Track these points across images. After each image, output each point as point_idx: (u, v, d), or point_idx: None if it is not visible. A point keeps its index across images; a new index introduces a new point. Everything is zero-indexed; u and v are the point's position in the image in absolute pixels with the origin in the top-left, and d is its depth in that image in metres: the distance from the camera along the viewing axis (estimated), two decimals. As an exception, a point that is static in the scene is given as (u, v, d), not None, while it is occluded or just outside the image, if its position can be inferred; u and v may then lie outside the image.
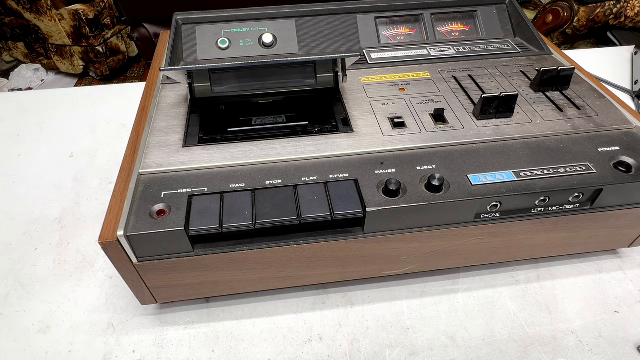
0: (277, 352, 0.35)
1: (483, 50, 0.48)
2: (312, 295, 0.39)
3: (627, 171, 0.32)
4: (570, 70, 0.40)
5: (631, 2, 1.23)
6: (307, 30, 0.49)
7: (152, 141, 0.36)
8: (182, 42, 0.48)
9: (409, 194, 0.31)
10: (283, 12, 0.49)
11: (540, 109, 0.39)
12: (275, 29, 0.49)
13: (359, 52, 0.48)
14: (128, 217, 0.29)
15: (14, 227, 0.47)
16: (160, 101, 0.41)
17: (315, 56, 0.36)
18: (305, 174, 0.33)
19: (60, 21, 1.84)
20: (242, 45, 0.48)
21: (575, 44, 1.40)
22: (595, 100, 0.40)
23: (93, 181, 0.52)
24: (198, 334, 0.37)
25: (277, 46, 0.49)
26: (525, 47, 0.49)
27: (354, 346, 0.36)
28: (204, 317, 0.38)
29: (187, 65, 0.47)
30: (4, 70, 2.11)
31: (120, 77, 2.15)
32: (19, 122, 0.63)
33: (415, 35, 0.50)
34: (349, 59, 0.36)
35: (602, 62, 0.72)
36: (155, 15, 1.24)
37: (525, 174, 0.32)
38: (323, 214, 0.30)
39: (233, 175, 0.33)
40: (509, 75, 0.43)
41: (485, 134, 0.36)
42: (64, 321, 0.38)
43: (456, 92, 0.41)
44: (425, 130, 0.37)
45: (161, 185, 0.32)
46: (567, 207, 0.33)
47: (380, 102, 0.40)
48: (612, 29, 1.32)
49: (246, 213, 0.30)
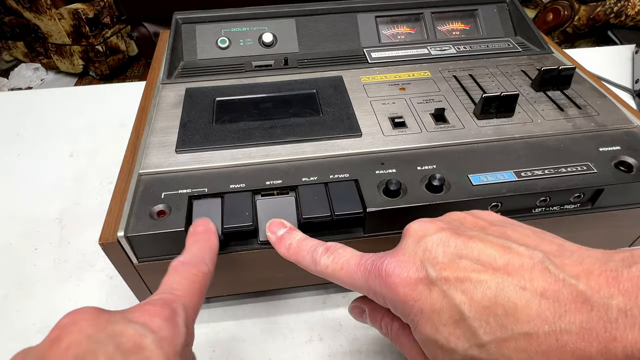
0: (277, 352, 0.35)
1: (484, 49, 0.48)
2: (313, 295, 0.39)
3: (628, 171, 0.32)
4: (571, 70, 0.40)
5: (632, 1, 1.23)
6: (307, 30, 0.49)
7: (152, 141, 0.36)
8: (182, 42, 0.48)
9: (410, 194, 0.31)
10: (283, 11, 0.49)
11: (541, 109, 0.39)
12: (275, 28, 0.49)
13: (360, 51, 0.48)
14: (128, 217, 0.29)
15: (14, 227, 0.47)
16: (160, 101, 0.41)
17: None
18: (306, 174, 0.33)
19: (60, 20, 1.84)
20: (242, 44, 0.48)
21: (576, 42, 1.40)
22: (597, 99, 0.40)
23: (93, 181, 0.52)
24: (198, 333, 0.36)
25: (277, 45, 0.48)
26: (526, 46, 0.49)
27: (354, 346, 0.36)
28: (204, 317, 0.38)
29: (186, 64, 0.47)
30: (4, 70, 2.11)
31: (120, 76, 2.15)
32: (18, 121, 0.63)
33: (416, 34, 0.50)
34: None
35: (603, 61, 0.72)
36: (154, 14, 1.24)
37: (526, 174, 0.32)
38: (324, 214, 0.30)
39: (233, 176, 0.33)
40: (509, 75, 0.43)
41: (486, 134, 0.36)
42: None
43: (457, 91, 0.41)
44: (425, 130, 0.37)
45: (161, 186, 0.32)
46: (568, 207, 0.33)
47: (380, 101, 0.40)
48: (613, 28, 1.32)
49: (246, 214, 0.30)
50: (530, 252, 0.20)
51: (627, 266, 0.17)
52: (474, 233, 0.22)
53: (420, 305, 0.20)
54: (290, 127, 0.37)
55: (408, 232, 0.23)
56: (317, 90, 0.41)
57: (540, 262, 0.19)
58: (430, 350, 0.21)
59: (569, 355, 0.17)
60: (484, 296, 0.19)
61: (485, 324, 0.18)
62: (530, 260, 0.19)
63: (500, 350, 0.18)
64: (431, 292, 0.20)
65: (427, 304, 0.20)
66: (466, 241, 0.21)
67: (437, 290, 0.20)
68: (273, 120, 0.38)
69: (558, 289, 0.18)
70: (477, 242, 0.21)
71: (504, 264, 0.19)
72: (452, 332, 0.19)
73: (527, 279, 0.19)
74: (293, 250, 0.27)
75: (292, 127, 0.37)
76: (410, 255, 0.22)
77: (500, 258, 0.20)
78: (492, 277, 0.19)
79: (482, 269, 0.20)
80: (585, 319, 0.17)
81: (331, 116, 0.38)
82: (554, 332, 0.17)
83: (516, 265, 0.19)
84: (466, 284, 0.19)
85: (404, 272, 0.21)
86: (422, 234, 0.22)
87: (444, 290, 0.20)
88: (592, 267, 0.18)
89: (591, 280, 0.18)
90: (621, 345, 0.16)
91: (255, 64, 0.46)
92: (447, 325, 0.19)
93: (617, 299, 0.17)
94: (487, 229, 0.22)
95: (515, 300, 0.18)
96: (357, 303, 0.28)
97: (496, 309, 0.18)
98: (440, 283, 0.20)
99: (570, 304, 0.17)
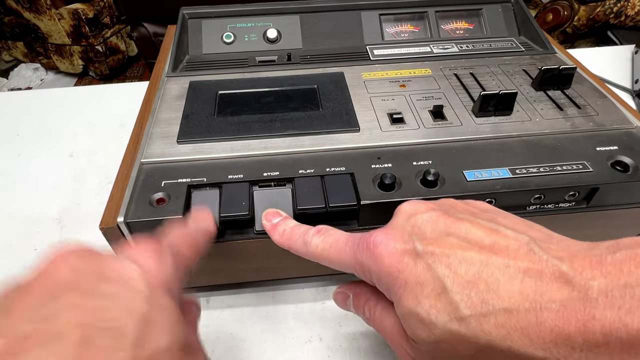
0: (277, 352, 0.36)
1: (486, 48, 0.48)
2: (312, 295, 0.40)
3: (624, 171, 0.32)
4: (572, 69, 0.40)
5: (631, 1, 1.22)
6: (311, 26, 0.50)
7: (154, 132, 0.37)
8: (188, 36, 0.49)
9: (404, 188, 0.31)
10: (288, 8, 0.50)
11: (540, 108, 0.39)
12: (279, 25, 0.49)
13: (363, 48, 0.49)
14: (128, 204, 0.30)
15: (13, 227, 0.47)
16: (165, 93, 0.42)
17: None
18: (303, 167, 0.33)
19: (60, 20, 1.85)
20: (246, 39, 0.49)
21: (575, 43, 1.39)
22: (597, 99, 0.40)
23: (93, 181, 0.53)
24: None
25: (281, 41, 0.49)
26: (529, 45, 0.49)
27: (353, 346, 0.36)
28: (204, 317, 0.38)
29: (192, 58, 0.48)
30: (4, 70, 2.12)
31: (120, 77, 2.16)
32: (18, 121, 0.63)
33: (419, 33, 0.50)
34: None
35: (603, 61, 0.71)
36: (154, 14, 1.25)
37: (521, 171, 0.32)
38: (318, 205, 0.30)
39: (232, 167, 0.33)
40: (510, 74, 0.43)
41: (484, 132, 0.36)
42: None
43: (457, 89, 0.41)
44: (423, 127, 0.37)
45: (162, 175, 0.33)
46: (563, 205, 0.33)
47: (380, 97, 0.40)
48: (612, 28, 1.30)
49: (243, 203, 0.31)
50: (517, 235, 0.20)
51: (611, 252, 0.18)
52: (464, 216, 0.22)
53: (404, 277, 0.21)
54: (289, 121, 0.37)
55: (399, 211, 0.24)
56: (317, 86, 0.42)
57: (526, 244, 0.19)
58: (411, 324, 0.21)
59: (547, 332, 0.17)
60: (468, 271, 0.19)
61: (467, 298, 0.19)
62: (517, 242, 0.20)
63: (480, 325, 0.18)
64: (416, 265, 0.20)
65: (411, 276, 0.20)
66: (455, 221, 0.21)
67: (422, 263, 0.20)
68: (273, 114, 0.38)
69: (541, 268, 0.18)
70: (465, 223, 0.21)
71: (490, 244, 0.20)
72: (434, 305, 0.19)
73: (512, 257, 0.19)
74: (286, 235, 0.27)
75: (291, 120, 0.38)
76: (399, 229, 0.22)
77: (487, 238, 0.20)
78: (477, 255, 0.19)
79: (469, 247, 0.20)
80: (565, 297, 0.17)
81: (331, 111, 0.39)
82: (534, 309, 0.17)
83: (502, 245, 0.20)
84: (451, 259, 0.20)
85: (391, 243, 0.22)
86: (413, 212, 0.23)
87: (429, 263, 0.20)
88: (577, 252, 0.18)
89: (575, 263, 0.18)
90: (600, 324, 0.16)
91: (259, 59, 0.47)
92: (429, 298, 0.20)
93: (598, 280, 0.17)
94: (477, 214, 0.23)
95: (498, 276, 0.19)
96: (341, 289, 0.28)
97: (479, 284, 0.19)
98: (426, 256, 0.20)
99: (552, 283, 0.18)
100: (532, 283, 0.18)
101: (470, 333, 0.18)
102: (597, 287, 0.17)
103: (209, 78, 0.44)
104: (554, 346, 0.17)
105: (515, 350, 0.17)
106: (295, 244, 0.26)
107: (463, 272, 0.19)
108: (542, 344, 0.17)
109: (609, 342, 0.16)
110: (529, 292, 0.18)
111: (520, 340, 0.17)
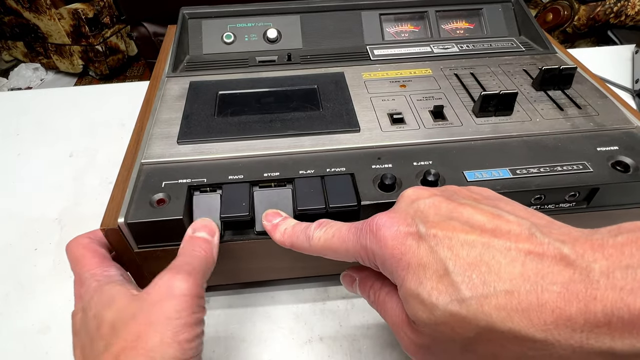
0: (277, 352, 0.36)
1: (487, 48, 0.48)
2: (313, 295, 0.40)
3: (624, 171, 0.32)
4: (572, 69, 0.40)
5: (631, 1, 1.21)
6: (312, 26, 0.49)
7: (155, 132, 0.37)
8: (188, 36, 0.49)
9: (404, 189, 0.31)
10: (288, 8, 0.50)
11: (541, 108, 0.39)
12: (279, 25, 0.49)
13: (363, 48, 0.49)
14: (129, 205, 0.30)
15: (14, 227, 0.47)
16: (165, 94, 0.42)
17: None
18: (303, 167, 0.33)
19: (60, 20, 1.85)
20: (246, 40, 0.49)
21: (576, 42, 1.39)
22: (597, 99, 0.40)
23: (93, 181, 0.53)
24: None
25: (281, 41, 0.49)
26: (530, 45, 0.49)
27: (354, 346, 0.36)
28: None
29: (192, 58, 0.48)
30: (4, 70, 2.12)
31: (120, 76, 2.16)
32: (18, 121, 0.63)
33: (420, 33, 0.50)
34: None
35: (603, 60, 0.71)
36: (154, 14, 1.25)
37: (521, 171, 0.32)
38: (318, 206, 0.30)
39: (232, 167, 0.33)
40: (511, 74, 0.43)
41: (484, 132, 0.36)
42: (64, 321, 0.38)
43: (457, 89, 0.41)
44: (423, 127, 0.37)
45: (162, 175, 0.33)
46: (564, 205, 0.33)
47: (380, 98, 0.40)
48: (613, 28, 1.30)
49: (244, 204, 0.31)
50: (519, 220, 0.20)
51: (612, 236, 0.18)
52: (467, 201, 0.22)
53: (407, 259, 0.21)
54: (290, 121, 0.37)
55: (402, 196, 0.24)
56: (318, 86, 0.42)
57: (528, 229, 0.19)
58: (412, 306, 0.21)
59: (548, 313, 0.17)
60: (469, 254, 0.19)
61: (468, 279, 0.19)
62: (519, 227, 0.20)
63: (480, 307, 0.18)
64: (419, 247, 0.21)
65: (414, 258, 0.21)
66: (458, 206, 0.22)
67: (425, 246, 0.20)
68: (273, 114, 0.38)
69: (543, 250, 0.18)
70: (467, 208, 0.21)
71: (492, 228, 0.20)
72: (435, 287, 0.19)
73: (514, 240, 0.19)
74: (288, 234, 0.27)
75: (292, 121, 0.38)
76: (402, 212, 0.22)
77: (489, 222, 0.20)
78: (479, 238, 0.20)
79: (471, 230, 0.20)
80: (567, 279, 0.17)
81: (331, 111, 0.39)
82: (535, 290, 0.17)
83: (504, 229, 0.20)
84: (453, 242, 0.20)
85: (394, 226, 0.22)
86: (416, 197, 0.23)
87: (431, 245, 0.20)
88: (579, 236, 0.19)
89: (576, 246, 0.18)
90: (601, 305, 0.16)
91: (259, 59, 0.47)
92: (431, 279, 0.20)
93: (600, 262, 0.17)
94: (480, 200, 0.23)
95: (499, 258, 0.19)
96: (348, 271, 0.28)
97: (480, 266, 0.19)
98: (428, 239, 0.20)
99: (553, 265, 0.18)
100: (534, 265, 0.18)
101: (471, 315, 0.18)
102: (598, 269, 0.17)
103: (209, 78, 0.44)
104: (554, 328, 0.17)
105: (516, 332, 0.17)
106: (298, 240, 0.27)
107: (465, 254, 0.19)
108: (543, 326, 0.17)
109: (611, 322, 0.16)
110: (530, 274, 0.18)
111: (520, 321, 0.17)
